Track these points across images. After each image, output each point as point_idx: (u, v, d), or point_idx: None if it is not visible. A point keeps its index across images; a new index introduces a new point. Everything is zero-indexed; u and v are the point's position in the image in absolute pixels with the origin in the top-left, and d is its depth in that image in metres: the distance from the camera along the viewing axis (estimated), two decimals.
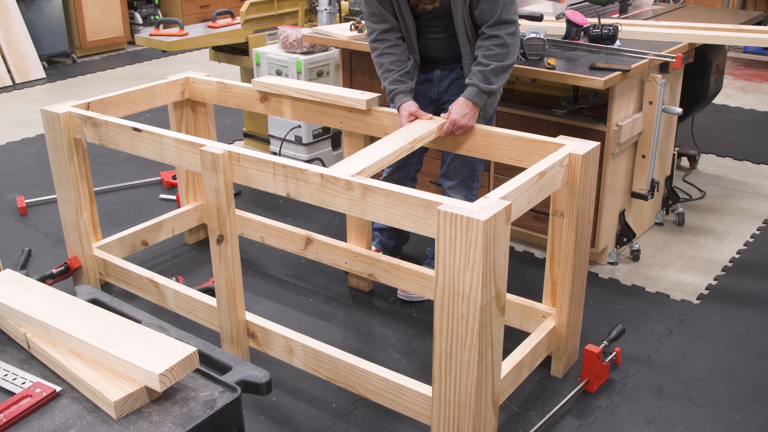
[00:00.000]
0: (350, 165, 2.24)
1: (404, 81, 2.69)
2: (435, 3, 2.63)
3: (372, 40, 2.76)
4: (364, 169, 2.22)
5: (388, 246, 3.23)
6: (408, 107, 2.62)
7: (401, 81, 2.69)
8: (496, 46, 2.54)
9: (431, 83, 2.83)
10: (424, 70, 2.83)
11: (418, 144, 2.52)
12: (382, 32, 2.72)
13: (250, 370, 1.56)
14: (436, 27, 2.70)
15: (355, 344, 2.83)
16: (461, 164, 2.87)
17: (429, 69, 2.82)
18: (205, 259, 3.42)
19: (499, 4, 2.52)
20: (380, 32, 2.72)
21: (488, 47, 2.55)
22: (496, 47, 2.54)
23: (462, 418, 2.02)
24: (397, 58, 2.71)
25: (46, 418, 1.39)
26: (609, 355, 2.63)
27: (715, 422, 2.42)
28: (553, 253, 2.51)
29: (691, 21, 3.71)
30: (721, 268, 3.34)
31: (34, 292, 1.67)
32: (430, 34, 2.73)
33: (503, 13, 2.53)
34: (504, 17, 2.53)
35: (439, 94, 2.84)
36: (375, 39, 2.74)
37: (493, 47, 2.54)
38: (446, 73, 2.80)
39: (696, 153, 4.38)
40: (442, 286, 1.93)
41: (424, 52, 2.78)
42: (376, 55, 2.75)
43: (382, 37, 2.72)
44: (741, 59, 6.89)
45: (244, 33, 4.47)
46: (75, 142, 2.86)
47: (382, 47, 2.72)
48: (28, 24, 6.87)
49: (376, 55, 2.75)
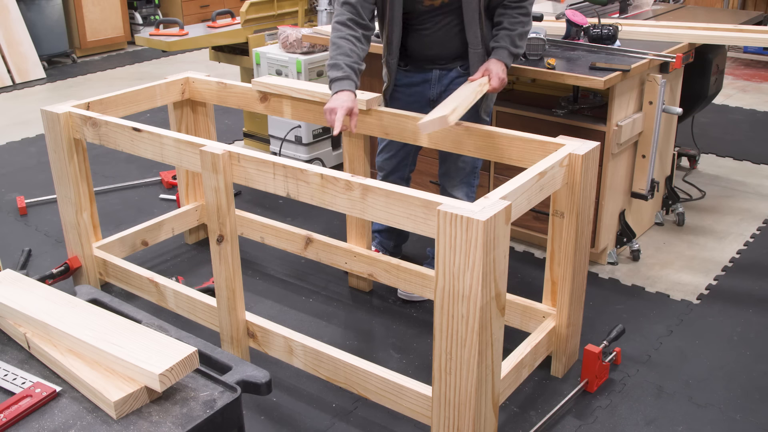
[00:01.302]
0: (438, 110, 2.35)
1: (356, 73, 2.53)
2: None
3: (340, 22, 2.58)
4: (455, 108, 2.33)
5: (388, 246, 3.23)
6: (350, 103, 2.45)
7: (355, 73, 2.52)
8: (521, 15, 2.65)
9: (429, 83, 2.80)
10: (419, 70, 2.80)
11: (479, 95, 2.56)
12: (351, 20, 2.58)
13: (250, 370, 1.56)
14: (438, 23, 2.68)
15: (355, 344, 2.83)
16: (462, 162, 2.87)
17: (426, 69, 2.79)
18: (205, 259, 3.42)
19: None
20: (350, 19, 2.58)
21: (513, 15, 2.64)
22: (521, 15, 2.65)
23: (462, 418, 2.02)
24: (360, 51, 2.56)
25: (46, 418, 1.39)
26: (609, 355, 2.63)
27: (715, 422, 2.42)
28: (553, 253, 2.51)
29: (691, 21, 3.72)
30: (721, 268, 3.34)
31: (34, 292, 1.67)
32: (430, 32, 2.70)
33: None
34: None
35: (438, 93, 2.80)
36: (344, 23, 2.57)
37: (518, 15, 2.64)
38: (445, 73, 2.78)
39: (696, 153, 4.38)
40: (442, 286, 1.93)
41: (421, 52, 2.75)
42: (339, 36, 2.55)
43: (352, 25, 2.58)
44: (741, 59, 6.89)
45: (244, 33, 4.47)
46: (75, 142, 2.86)
47: (348, 33, 2.56)
48: (28, 24, 6.87)
49: (339, 36, 2.55)
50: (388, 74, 2.81)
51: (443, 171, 2.95)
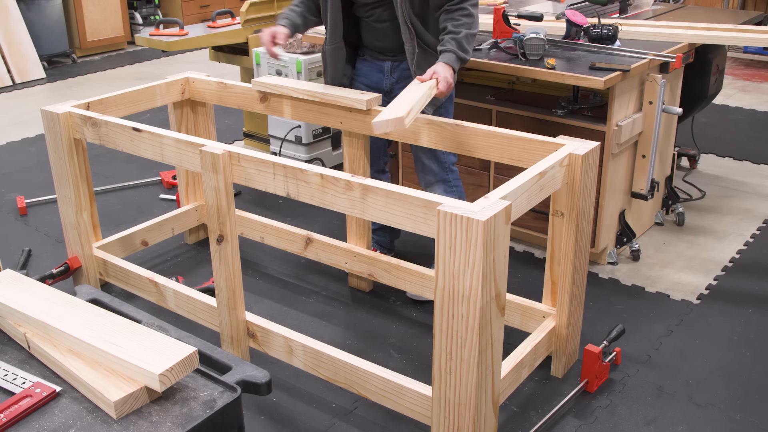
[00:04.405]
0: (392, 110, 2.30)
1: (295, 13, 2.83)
2: None
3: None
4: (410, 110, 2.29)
5: (385, 243, 3.25)
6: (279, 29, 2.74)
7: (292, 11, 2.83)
8: (463, 16, 2.63)
9: (383, 74, 2.89)
10: (374, 59, 2.88)
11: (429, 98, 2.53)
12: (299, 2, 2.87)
13: (250, 370, 1.56)
14: (379, 16, 2.75)
15: (355, 344, 2.83)
16: (427, 158, 2.90)
17: (379, 59, 2.88)
18: (205, 259, 3.42)
19: None
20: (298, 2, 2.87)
21: (455, 18, 2.63)
22: (464, 17, 2.63)
23: (462, 418, 2.02)
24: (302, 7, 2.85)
25: (46, 418, 1.39)
26: (609, 355, 2.63)
27: (715, 422, 2.42)
28: (553, 253, 2.51)
29: (691, 21, 3.71)
30: (721, 268, 3.34)
31: (34, 292, 1.67)
32: (375, 23, 2.78)
33: None
34: None
35: (390, 85, 2.89)
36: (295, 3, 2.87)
37: (461, 17, 2.63)
38: (396, 65, 2.85)
39: (696, 153, 4.38)
40: (442, 286, 1.93)
41: (372, 42, 2.85)
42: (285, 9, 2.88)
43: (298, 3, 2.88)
44: (741, 59, 6.89)
45: (244, 33, 4.47)
46: (75, 142, 2.86)
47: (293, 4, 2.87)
48: (28, 24, 6.87)
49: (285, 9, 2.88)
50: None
51: (417, 171, 2.99)
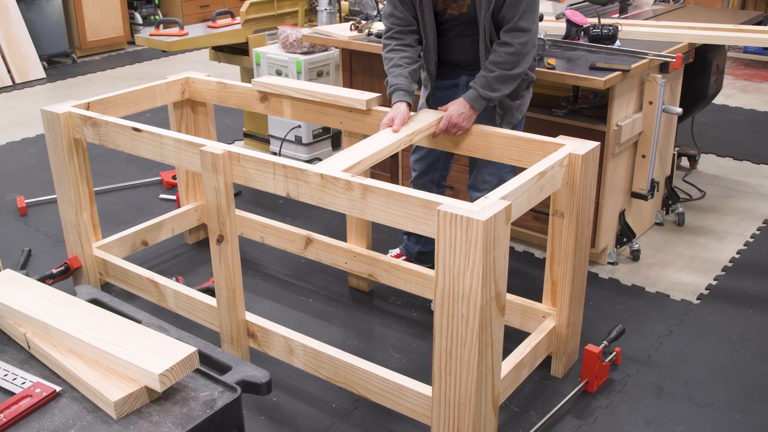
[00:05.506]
0: (343, 159, 2.24)
1: (409, 80, 2.64)
2: (462, 8, 2.60)
3: (386, 36, 2.73)
4: (356, 164, 2.21)
5: (413, 251, 3.20)
6: (399, 108, 2.56)
7: (406, 78, 2.64)
8: (506, 54, 2.52)
9: (458, 88, 2.80)
10: (450, 75, 2.80)
11: (416, 137, 2.51)
12: (398, 31, 2.70)
13: (250, 370, 1.56)
14: (462, 31, 2.67)
15: (355, 344, 2.83)
16: (488, 174, 2.82)
17: (455, 74, 2.80)
18: (205, 259, 3.42)
19: (520, 9, 2.48)
20: (396, 31, 2.70)
21: (499, 53, 2.53)
22: (506, 55, 2.52)
23: (462, 418, 2.02)
24: (408, 56, 2.68)
25: (46, 418, 1.39)
26: (609, 355, 2.63)
27: (715, 422, 2.42)
28: (553, 253, 2.51)
29: (691, 21, 3.72)
30: (721, 268, 3.34)
31: (34, 292, 1.67)
32: (455, 38, 2.70)
33: (520, 20, 2.49)
34: (520, 24, 2.49)
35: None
36: (390, 36, 2.71)
37: (503, 54, 2.52)
38: (472, 79, 2.73)
39: (696, 153, 4.38)
40: (442, 286, 1.93)
41: (449, 57, 2.76)
42: (387, 50, 2.71)
43: (397, 36, 2.70)
44: (741, 59, 6.89)
45: (244, 33, 4.47)
46: (75, 142, 2.86)
47: (394, 44, 2.70)
48: (28, 24, 6.87)
49: (387, 50, 2.71)
50: (428, 79, 2.80)
51: (470, 183, 2.90)
